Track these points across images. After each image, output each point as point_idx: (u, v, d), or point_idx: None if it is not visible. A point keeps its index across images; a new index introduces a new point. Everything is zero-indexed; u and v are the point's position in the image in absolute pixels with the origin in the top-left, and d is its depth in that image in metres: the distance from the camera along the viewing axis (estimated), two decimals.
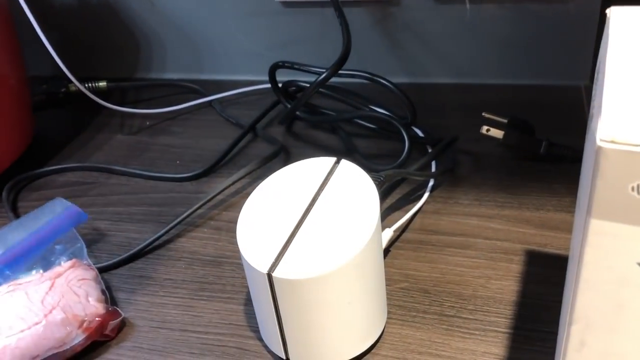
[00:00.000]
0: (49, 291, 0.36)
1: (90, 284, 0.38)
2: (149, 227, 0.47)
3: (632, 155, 0.18)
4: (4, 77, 0.52)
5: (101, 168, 0.55)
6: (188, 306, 0.40)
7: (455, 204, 0.46)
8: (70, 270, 0.38)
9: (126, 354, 0.37)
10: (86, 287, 0.37)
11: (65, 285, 0.37)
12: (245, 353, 0.36)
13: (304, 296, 0.31)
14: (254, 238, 0.32)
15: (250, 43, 0.65)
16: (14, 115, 0.54)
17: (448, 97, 0.59)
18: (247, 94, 0.64)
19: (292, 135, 0.56)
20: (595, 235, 0.20)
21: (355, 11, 0.59)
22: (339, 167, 0.35)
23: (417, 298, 0.38)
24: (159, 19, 0.66)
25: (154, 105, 0.63)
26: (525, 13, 0.55)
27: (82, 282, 0.37)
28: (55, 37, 0.70)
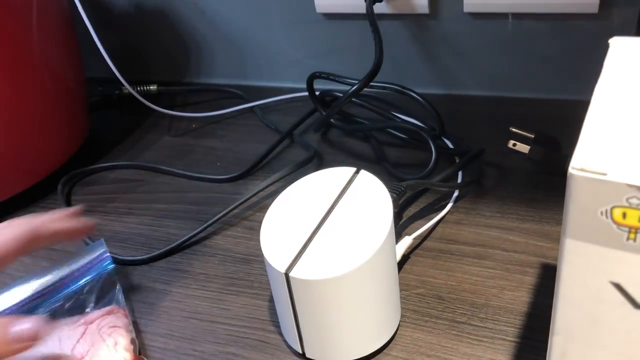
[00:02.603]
0: (80, 339, 0.38)
1: (120, 332, 0.38)
2: (188, 224, 0.51)
3: (600, 183, 0.20)
4: (63, 79, 0.57)
5: (149, 167, 0.59)
6: (218, 299, 0.43)
7: (477, 215, 0.47)
8: (104, 317, 0.39)
9: (158, 340, 0.40)
10: (116, 335, 0.38)
11: (97, 332, 0.38)
12: (266, 346, 0.39)
13: (319, 295, 0.33)
14: (275, 240, 0.35)
15: (292, 52, 0.68)
16: (71, 115, 0.59)
17: (480, 109, 0.60)
18: (287, 101, 0.67)
19: (327, 142, 0.59)
20: (571, 254, 0.22)
21: (394, 24, 0.61)
22: (358, 176, 0.38)
23: (431, 304, 0.40)
24: (208, 26, 0.70)
25: (200, 109, 0.67)
26: (565, 28, 0.56)
27: (113, 329, 0.38)
28: (112, 41, 0.75)
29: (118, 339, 0.37)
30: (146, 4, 0.71)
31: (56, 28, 0.56)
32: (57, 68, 0.56)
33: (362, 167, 0.44)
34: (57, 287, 0.44)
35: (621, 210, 0.20)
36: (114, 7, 0.73)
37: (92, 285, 0.43)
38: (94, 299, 0.43)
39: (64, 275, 0.44)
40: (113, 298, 0.42)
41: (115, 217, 0.53)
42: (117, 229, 0.52)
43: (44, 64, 0.54)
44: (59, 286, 0.44)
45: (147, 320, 0.42)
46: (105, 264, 0.44)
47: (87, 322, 0.39)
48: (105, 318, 0.39)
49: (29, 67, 0.52)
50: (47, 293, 0.43)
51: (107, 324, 0.39)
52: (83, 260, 0.45)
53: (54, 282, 0.44)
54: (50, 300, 0.43)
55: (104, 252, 0.45)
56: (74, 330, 0.38)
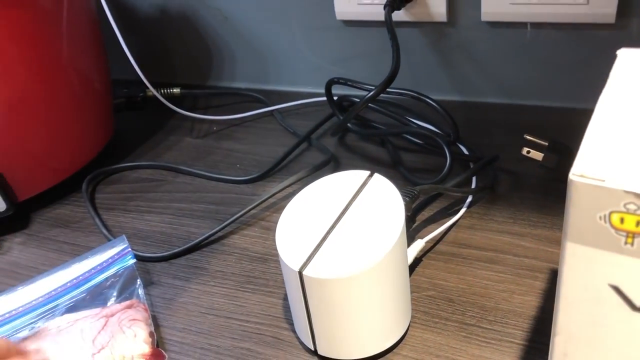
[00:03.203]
0: (101, 330, 0.39)
1: (140, 325, 0.40)
2: (207, 223, 0.52)
3: (598, 189, 0.21)
4: (90, 81, 0.59)
5: (170, 167, 0.61)
6: (234, 296, 0.44)
7: (490, 220, 0.48)
8: (124, 310, 0.41)
9: (176, 334, 0.42)
10: (136, 327, 0.39)
11: (117, 324, 0.40)
12: (279, 342, 0.40)
13: (331, 294, 0.34)
14: (290, 239, 0.36)
15: (312, 57, 0.69)
16: (97, 116, 0.61)
17: (496, 116, 0.61)
18: (306, 106, 0.68)
19: (344, 146, 0.60)
20: (571, 257, 0.23)
21: (412, 31, 0.62)
22: (372, 179, 0.39)
23: (442, 306, 0.41)
24: (231, 32, 0.72)
25: (221, 112, 0.69)
26: (582, 37, 0.56)
27: (133, 322, 0.40)
28: (138, 44, 0.77)
29: (137, 332, 0.39)
30: (171, 9, 0.73)
31: (84, 31, 0.58)
32: (84, 70, 0.58)
33: (377, 171, 0.46)
34: (80, 280, 0.45)
35: (619, 215, 0.21)
36: (140, 12, 0.75)
37: (113, 280, 0.45)
38: (115, 293, 0.44)
39: (87, 269, 0.46)
40: (134, 292, 0.44)
41: (136, 215, 0.55)
42: (138, 226, 0.53)
43: (72, 66, 0.56)
44: (82, 279, 0.45)
45: (166, 315, 0.44)
46: (127, 259, 0.46)
47: (108, 315, 0.41)
48: (126, 311, 0.41)
49: (58, 68, 0.54)
50: (71, 286, 0.45)
51: (128, 317, 0.40)
52: (105, 255, 0.47)
53: (77, 275, 0.46)
54: (73, 292, 0.44)
55: (126, 247, 0.46)
56: (95, 322, 0.40)
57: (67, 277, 0.46)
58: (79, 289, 0.45)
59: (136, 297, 0.43)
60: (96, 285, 0.45)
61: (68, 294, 0.44)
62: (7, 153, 0.52)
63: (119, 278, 0.45)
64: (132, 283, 0.45)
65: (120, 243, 0.47)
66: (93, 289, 0.45)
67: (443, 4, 0.59)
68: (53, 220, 0.56)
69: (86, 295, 0.44)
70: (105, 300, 0.44)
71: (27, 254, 0.52)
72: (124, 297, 0.44)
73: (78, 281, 0.45)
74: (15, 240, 0.54)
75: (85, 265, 0.46)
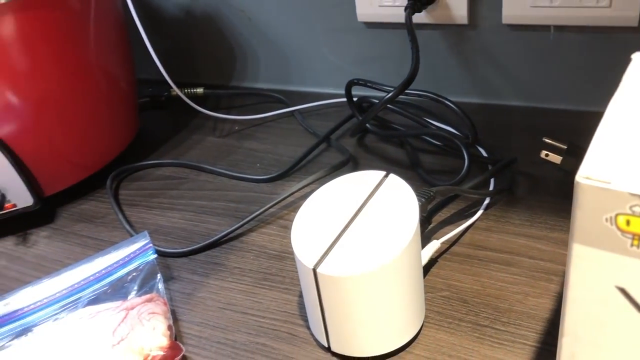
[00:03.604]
0: (121, 322, 0.40)
1: (159, 318, 0.41)
2: (227, 220, 0.53)
3: (604, 191, 0.21)
4: (115, 80, 0.61)
5: (192, 165, 0.62)
6: (251, 292, 0.45)
7: (507, 222, 0.48)
8: (144, 303, 0.42)
9: (194, 328, 0.43)
10: (155, 321, 0.40)
11: (137, 317, 0.41)
12: (294, 338, 0.41)
13: (344, 291, 0.35)
14: (306, 237, 0.37)
15: (334, 59, 0.70)
16: (122, 114, 0.62)
17: (516, 119, 0.61)
18: (327, 106, 0.69)
19: (363, 147, 0.61)
20: (578, 259, 0.23)
21: (433, 33, 0.63)
22: (387, 180, 0.39)
23: (456, 306, 0.42)
24: (255, 33, 0.73)
25: (243, 112, 0.70)
26: (605, 40, 0.56)
27: (152, 315, 0.41)
28: (163, 45, 0.79)
29: (156, 325, 0.40)
30: (196, 11, 0.75)
31: (111, 32, 0.59)
32: (111, 69, 0.59)
33: (396, 172, 0.46)
34: (103, 274, 0.47)
35: (625, 217, 0.21)
36: (166, 13, 0.77)
37: (134, 274, 0.46)
38: (136, 287, 0.45)
39: (110, 264, 0.47)
40: (154, 287, 0.45)
41: (159, 211, 0.56)
42: (160, 223, 0.55)
43: (99, 66, 0.57)
44: (104, 273, 0.47)
45: (185, 309, 0.45)
46: (148, 254, 0.47)
47: (129, 308, 0.42)
48: (146, 305, 0.42)
49: (85, 68, 0.56)
50: (93, 279, 0.46)
51: (147, 310, 0.41)
52: (127, 250, 0.48)
53: (100, 269, 0.47)
54: (96, 286, 0.46)
55: (147, 243, 0.48)
56: (116, 315, 0.41)
57: (90, 271, 0.47)
58: (101, 283, 0.46)
59: (156, 292, 0.44)
60: (118, 279, 0.46)
61: (91, 287, 0.46)
62: (35, 149, 0.54)
63: (139, 272, 0.46)
64: (153, 277, 0.46)
65: (142, 239, 0.48)
66: (115, 283, 0.46)
67: (464, 7, 0.59)
68: (78, 215, 0.57)
69: (108, 289, 0.46)
70: (126, 294, 0.45)
71: (52, 248, 0.53)
72: (144, 290, 0.45)
73: (100, 275, 0.47)
74: (41, 234, 0.55)
75: (108, 260, 0.48)
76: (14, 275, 0.51)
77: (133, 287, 0.45)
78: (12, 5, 0.48)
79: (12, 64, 0.50)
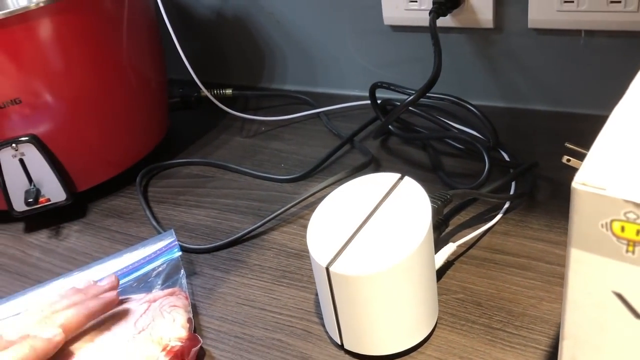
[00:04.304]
0: (143, 314, 0.42)
1: (179, 311, 0.42)
2: (249, 219, 0.55)
3: (599, 197, 0.22)
4: (147, 81, 0.63)
5: (219, 165, 0.64)
6: (269, 289, 0.46)
7: (525, 227, 0.48)
8: (166, 297, 0.44)
9: (214, 322, 0.44)
10: (175, 313, 0.42)
11: (158, 309, 0.42)
12: (309, 335, 0.42)
13: (356, 290, 0.36)
14: (320, 236, 0.38)
15: (360, 62, 0.70)
16: (153, 114, 0.65)
17: (540, 123, 0.61)
18: (352, 108, 0.69)
19: (386, 149, 0.61)
20: (576, 263, 0.24)
21: (459, 37, 0.63)
22: (402, 182, 0.40)
23: (470, 309, 0.42)
24: (283, 35, 0.74)
25: (270, 113, 0.71)
26: (635, 45, 0.55)
27: (173, 308, 0.42)
28: (195, 46, 0.81)
29: (176, 317, 0.41)
30: (226, 13, 0.76)
31: (143, 34, 0.61)
32: (143, 70, 0.61)
33: (417, 175, 0.47)
34: (130, 269, 0.48)
35: (620, 223, 0.22)
36: (197, 15, 0.79)
37: (160, 270, 0.48)
38: (160, 281, 0.47)
39: (137, 259, 0.49)
40: (177, 281, 0.47)
41: (185, 209, 0.58)
42: (186, 220, 0.56)
43: (131, 67, 0.59)
44: (131, 268, 0.49)
45: (205, 304, 0.46)
46: (173, 251, 0.49)
47: (151, 300, 0.43)
48: (168, 298, 0.44)
49: (118, 69, 0.58)
50: (121, 274, 0.48)
51: (169, 303, 0.43)
52: (154, 247, 0.50)
53: (128, 264, 0.49)
54: (123, 280, 0.47)
55: (173, 241, 0.49)
56: (139, 306, 0.43)
57: (118, 265, 0.49)
58: (128, 277, 0.48)
59: (179, 286, 0.46)
60: (144, 274, 0.48)
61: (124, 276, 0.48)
62: (68, 146, 0.56)
63: (164, 268, 0.48)
64: (176, 273, 0.47)
65: (169, 237, 0.50)
66: (140, 277, 0.48)
67: (490, 11, 0.59)
68: (108, 211, 0.59)
69: (134, 283, 0.47)
70: (150, 288, 0.47)
71: (83, 241, 0.56)
72: (167, 285, 0.47)
73: (128, 270, 0.49)
74: (73, 228, 0.58)
75: (136, 255, 0.49)
76: (47, 267, 0.53)
77: (157, 282, 0.47)
78: (49, 9, 0.50)
79: (48, 65, 0.52)
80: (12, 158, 0.54)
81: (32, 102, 0.53)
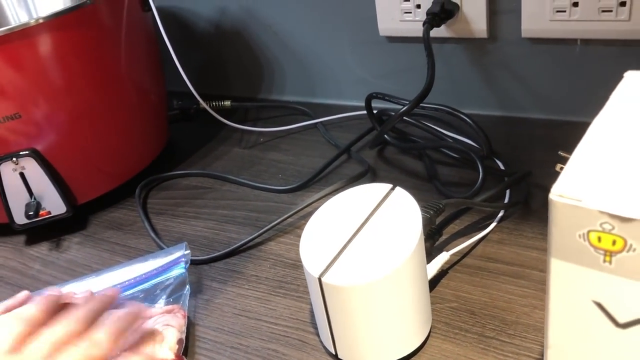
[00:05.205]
0: (137, 328, 0.42)
1: (172, 331, 0.42)
2: (247, 229, 0.55)
3: (576, 208, 0.22)
4: (146, 94, 0.64)
5: (217, 176, 0.64)
6: (265, 300, 0.47)
7: (519, 235, 0.48)
8: (163, 314, 0.44)
9: (210, 333, 0.45)
10: (168, 332, 0.42)
11: (152, 326, 0.42)
12: (304, 345, 0.42)
13: (348, 300, 0.36)
14: (313, 247, 0.38)
15: (357, 73, 0.71)
16: (152, 126, 0.65)
17: (536, 131, 0.61)
18: (349, 119, 0.70)
19: (382, 159, 0.62)
20: (556, 273, 0.24)
21: (453, 47, 0.63)
22: (393, 193, 0.41)
23: (463, 317, 0.42)
24: (281, 48, 0.75)
25: (269, 124, 0.72)
26: (628, 54, 0.56)
27: (165, 327, 0.42)
28: (194, 59, 0.82)
29: (167, 337, 0.41)
30: (225, 26, 0.77)
31: (142, 49, 0.62)
32: (142, 84, 0.62)
33: (413, 184, 0.47)
34: (138, 280, 0.49)
35: (596, 234, 0.22)
36: (197, 28, 0.80)
37: (167, 284, 0.48)
38: (165, 296, 0.47)
39: (148, 270, 0.49)
40: (180, 298, 0.47)
41: (183, 220, 0.58)
42: (184, 231, 0.57)
43: (130, 80, 0.60)
44: (139, 280, 0.49)
45: (202, 314, 0.47)
46: (181, 266, 0.49)
47: (147, 317, 0.43)
48: (164, 315, 0.43)
49: (117, 83, 0.59)
50: (129, 284, 0.48)
51: (163, 322, 0.43)
52: (164, 260, 0.49)
53: (137, 274, 0.49)
54: (131, 289, 0.48)
55: (182, 256, 0.49)
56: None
57: (128, 275, 0.49)
58: (136, 288, 0.48)
59: (181, 303, 0.46)
60: (152, 286, 0.48)
61: (126, 290, 0.48)
62: (68, 159, 0.57)
63: (172, 282, 0.48)
64: (182, 288, 0.47)
65: (179, 250, 0.50)
66: (148, 289, 0.48)
67: (484, 21, 0.60)
68: (108, 223, 0.60)
69: (140, 294, 0.47)
70: (154, 301, 0.46)
71: (83, 253, 0.56)
72: (170, 300, 0.46)
73: (136, 281, 0.49)
74: (73, 240, 0.59)
75: (146, 267, 0.49)
76: (47, 279, 0.54)
77: (162, 296, 0.47)
78: (48, 25, 0.51)
79: (48, 80, 0.53)
80: (13, 172, 0.55)
81: (32, 117, 0.54)
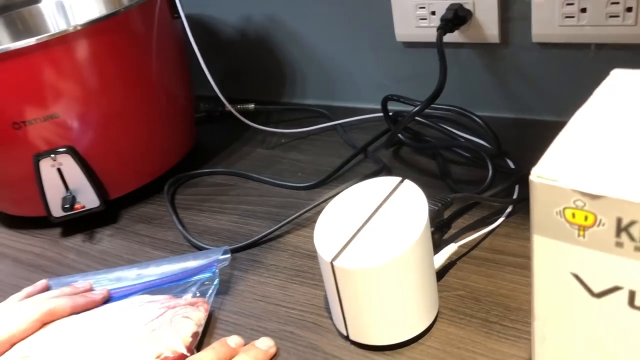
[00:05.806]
0: (156, 318, 0.43)
1: (189, 323, 0.43)
2: (268, 223, 0.59)
3: (552, 187, 0.25)
4: (175, 97, 0.67)
5: (241, 174, 0.68)
6: (283, 287, 0.50)
7: (526, 229, 0.51)
8: (185, 306, 0.45)
9: (231, 317, 0.48)
10: (184, 325, 0.43)
11: (171, 317, 0.43)
12: (318, 328, 0.45)
13: (358, 283, 0.39)
14: (326, 235, 0.41)
15: (375, 76, 0.74)
16: (181, 127, 0.69)
17: (546, 133, 0.63)
18: (367, 121, 0.73)
19: (397, 158, 0.64)
20: (538, 248, 0.27)
21: (467, 52, 0.66)
22: (402, 185, 0.43)
23: (469, 304, 0.45)
24: (303, 53, 0.78)
25: (290, 126, 0.76)
26: (636, 57, 0.58)
27: (184, 319, 0.43)
28: (221, 63, 0.86)
29: (183, 329, 0.43)
30: (250, 33, 0.81)
31: (171, 54, 0.66)
32: (171, 87, 0.66)
33: (426, 182, 0.49)
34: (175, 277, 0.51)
35: (571, 210, 0.25)
36: (223, 35, 0.84)
37: (199, 282, 0.50)
38: (195, 288, 0.49)
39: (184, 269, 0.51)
40: (206, 292, 0.48)
41: (209, 214, 0.62)
42: (209, 224, 0.60)
43: (161, 84, 0.64)
44: (174, 278, 0.51)
45: (225, 300, 0.50)
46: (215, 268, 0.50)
47: (170, 307, 0.45)
48: (185, 307, 0.45)
49: (149, 86, 0.63)
50: (168, 280, 0.51)
51: (183, 313, 0.44)
52: (202, 261, 0.51)
53: (175, 272, 0.51)
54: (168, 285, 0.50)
55: (216, 260, 0.51)
56: (157, 309, 0.45)
57: (167, 272, 0.52)
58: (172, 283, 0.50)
59: (207, 297, 0.47)
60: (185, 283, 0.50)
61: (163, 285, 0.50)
62: (102, 157, 0.61)
63: (201, 280, 0.50)
64: (210, 284, 0.49)
65: (217, 253, 0.51)
66: (181, 286, 0.50)
67: (495, 26, 0.62)
68: (138, 217, 0.64)
69: (175, 289, 0.49)
70: (184, 293, 0.48)
71: (114, 245, 0.60)
72: (197, 293, 0.48)
73: (175, 276, 0.51)
74: (105, 232, 0.63)
75: (183, 265, 0.52)
76: (81, 268, 0.58)
77: (192, 289, 0.49)
78: (85, 32, 0.55)
79: (84, 82, 0.58)
80: (51, 167, 0.59)
81: (69, 117, 0.58)
